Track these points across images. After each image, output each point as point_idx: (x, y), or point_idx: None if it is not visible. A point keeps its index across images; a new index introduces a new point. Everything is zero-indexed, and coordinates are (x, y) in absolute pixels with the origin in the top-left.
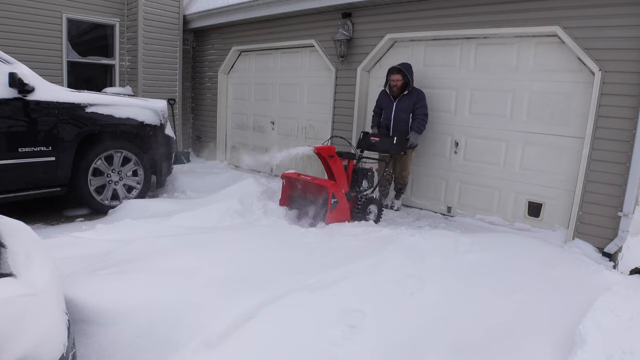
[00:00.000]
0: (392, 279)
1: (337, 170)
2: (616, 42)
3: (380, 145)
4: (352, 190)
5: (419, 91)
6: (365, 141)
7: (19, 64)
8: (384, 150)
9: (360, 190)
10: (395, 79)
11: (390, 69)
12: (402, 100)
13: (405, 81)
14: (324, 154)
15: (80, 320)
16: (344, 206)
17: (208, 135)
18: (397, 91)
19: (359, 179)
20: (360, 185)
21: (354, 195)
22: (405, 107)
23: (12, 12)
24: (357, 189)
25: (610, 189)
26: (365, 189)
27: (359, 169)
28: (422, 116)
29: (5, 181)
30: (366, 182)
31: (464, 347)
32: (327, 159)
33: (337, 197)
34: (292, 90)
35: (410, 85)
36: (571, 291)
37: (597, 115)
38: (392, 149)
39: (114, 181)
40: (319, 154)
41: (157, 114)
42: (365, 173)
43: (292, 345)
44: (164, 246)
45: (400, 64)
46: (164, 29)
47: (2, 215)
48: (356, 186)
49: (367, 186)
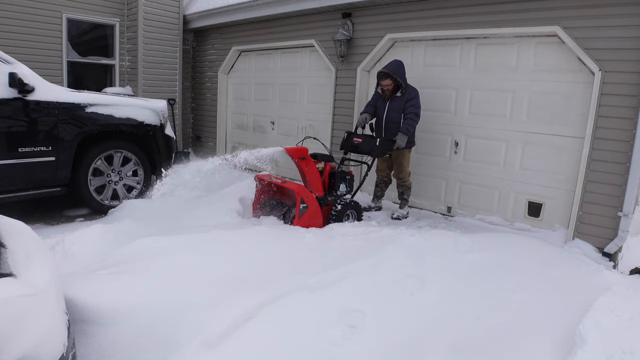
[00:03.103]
0: (392, 279)
1: (309, 173)
2: (616, 42)
3: (362, 146)
4: (329, 194)
5: (412, 89)
6: (348, 142)
7: (19, 64)
8: (366, 152)
9: (338, 194)
10: (386, 83)
11: (378, 74)
12: (394, 100)
13: (395, 84)
14: (295, 155)
15: (80, 320)
16: (314, 211)
17: (208, 135)
18: (389, 93)
19: (336, 182)
20: (337, 189)
21: (330, 200)
22: (396, 108)
23: (12, 12)
24: (334, 193)
25: (610, 189)
26: (343, 194)
27: (336, 172)
28: (411, 115)
29: (5, 181)
30: (344, 185)
31: (464, 347)
32: (298, 160)
33: (307, 201)
34: (292, 90)
35: (403, 86)
36: (571, 291)
37: (597, 115)
38: (374, 151)
39: (114, 181)
40: (290, 156)
41: (157, 114)
42: (344, 176)
43: (292, 345)
44: (164, 246)
45: (388, 65)
46: (164, 29)
47: (2, 215)
48: (333, 190)
49: (345, 190)
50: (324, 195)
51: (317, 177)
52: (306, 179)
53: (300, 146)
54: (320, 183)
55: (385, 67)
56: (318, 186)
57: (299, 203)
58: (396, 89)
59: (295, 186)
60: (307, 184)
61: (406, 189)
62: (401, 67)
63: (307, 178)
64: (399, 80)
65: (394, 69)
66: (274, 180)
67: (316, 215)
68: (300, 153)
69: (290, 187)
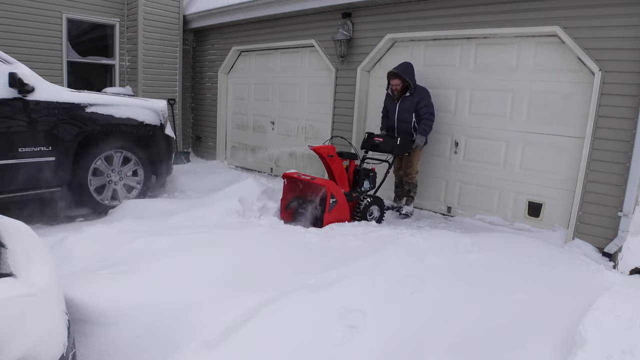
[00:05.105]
0: (392, 279)
1: (337, 170)
2: (616, 42)
3: (383, 145)
4: (353, 190)
5: (422, 90)
6: (369, 142)
7: (19, 64)
8: (387, 151)
9: (362, 190)
10: (394, 83)
11: (388, 74)
12: (404, 100)
13: (404, 84)
14: (323, 153)
15: (80, 320)
16: (343, 206)
17: (208, 135)
18: (399, 94)
19: (360, 179)
20: (361, 185)
21: (355, 196)
22: (407, 108)
23: (12, 12)
24: (358, 189)
25: (610, 189)
26: (367, 190)
27: (360, 169)
28: (427, 116)
29: (5, 181)
30: (368, 182)
31: (464, 347)
32: (326, 158)
33: (336, 196)
34: (292, 90)
35: (412, 86)
36: (571, 291)
37: (597, 115)
38: (396, 149)
39: (114, 181)
40: (318, 154)
41: (157, 114)
42: (367, 173)
43: (292, 345)
44: (164, 246)
45: (398, 66)
46: (164, 29)
47: (2, 215)
48: (357, 187)
49: (368, 187)
50: (350, 192)
51: (344, 174)
52: (333, 175)
53: (328, 144)
54: (346, 180)
55: (395, 68)
56: (344, 183)
57: (329, 198)
58: (405, 89)
59: (324, 182)
60: (334, 181)
61: (412, 187)
62: (410, 68)
63: (335, 175)
64: (408, 80)
65: (403, 69)
66: (303, 177)
67: (344, 210)
68: (328, 151)
69: (320, 182)
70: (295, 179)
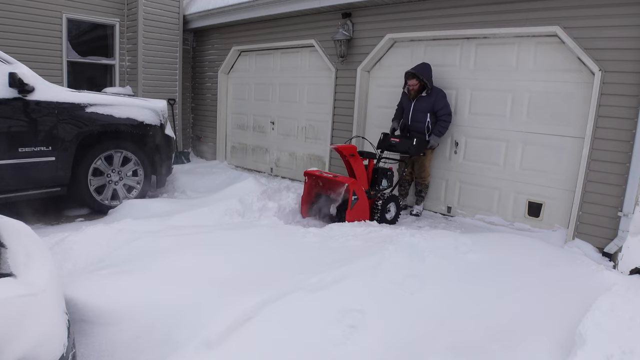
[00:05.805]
0: (392, 279)
1: (358, 169)
2: (616, 42)
3: (399, 146)
4: (371, 189)
5: (438, 91)
6: (385, 142)
7: (19, 64)
8: (403, 152)
9: (380, 189)
10: (412, 83)
11: (406, 74)
12: (419, 100)
13: (421, 84)
14: (346, 152)
15: (80, 320)
16: (364, 204)
17: (208, 135)
18: (415, 93)
19: (379, 178)
20: (379, 184)
21: (373, 194)
22: (422, 108)
23: (12, 12)
24: (376, 187)
25: (610, 189)
26: (384, 188)
27: (379, 168)
28: (445, 117)
29: (5, 181)
30: (386, 181)
31: (464, 347)
32: (348, 157)
33: (358, 194)
34: (292, 90)
35: (429, 87)
36: (571, 291)
37: (597, 115)
38: (412, 150)
39: (114, 181)
40: (340, 153)
41: (157, 114)
42: (385, 172)
43: (292, 345)
44: (164, 246)
45: (416, 67)
46: (164, 29)
47: (2, 215)
48: (376, 185)
49: (386, 185)
50: (369, 190)
51: (364, 173)
52: (354, 173)
53: (349, 144)
54: (366, 178)
55: (412, 68)
56: (364, 181)
57: (351, 195)
58: (421, 89)
59: (346, 179)
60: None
61: (424, 187)
62: (428, 68)
63: (355, 173)
64: (425, 80)
65: (421, 69)
66: (325, 175)
67: (365, 207)
68: (350, 150)
69: (343, 180)
70: (317, 177)
